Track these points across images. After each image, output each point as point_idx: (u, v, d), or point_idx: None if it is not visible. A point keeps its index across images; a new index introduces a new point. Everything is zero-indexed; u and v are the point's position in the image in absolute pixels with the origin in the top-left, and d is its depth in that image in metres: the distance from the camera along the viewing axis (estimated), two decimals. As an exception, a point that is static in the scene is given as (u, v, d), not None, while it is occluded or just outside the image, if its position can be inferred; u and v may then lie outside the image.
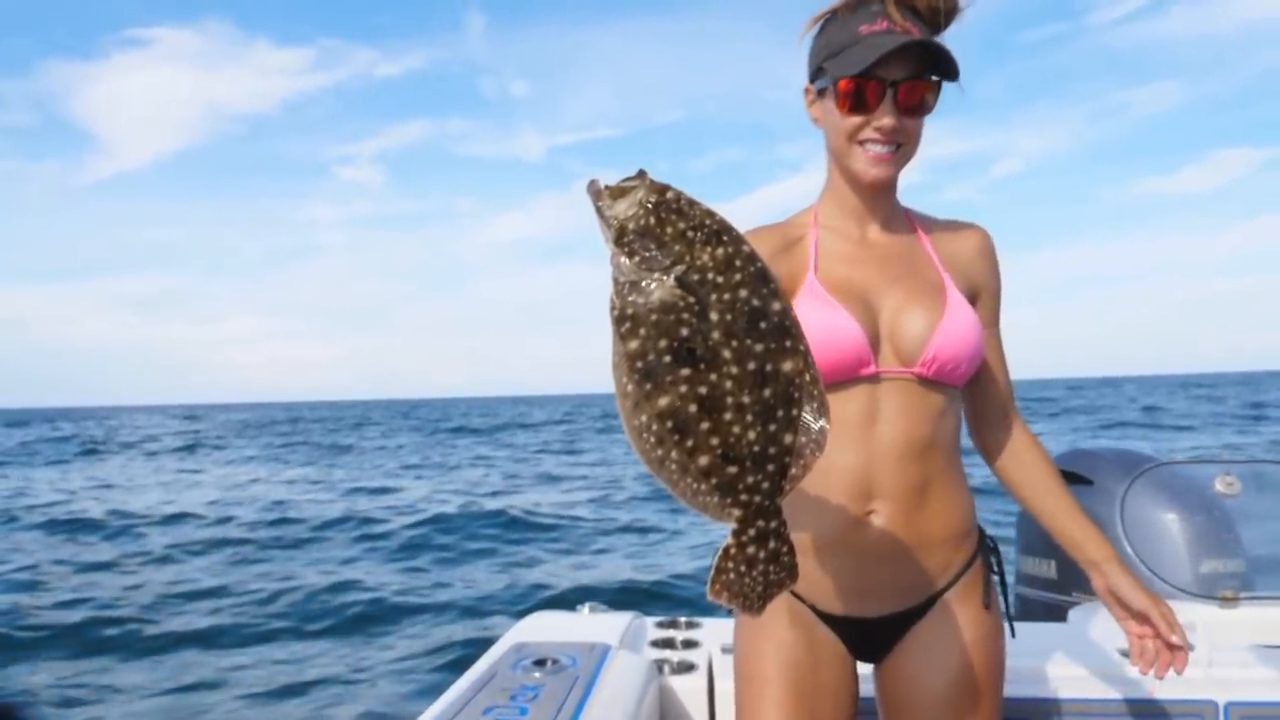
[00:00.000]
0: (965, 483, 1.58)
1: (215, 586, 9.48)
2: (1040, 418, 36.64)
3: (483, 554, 11.42)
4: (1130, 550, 3.10)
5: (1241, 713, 2.12)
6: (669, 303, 1.01)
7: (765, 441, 1.03)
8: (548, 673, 1.93)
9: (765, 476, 1.04)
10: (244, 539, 12.47)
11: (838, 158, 1.53)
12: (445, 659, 6.73)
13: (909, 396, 1.48)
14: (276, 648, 6.82)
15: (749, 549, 1.07)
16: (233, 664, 6.37)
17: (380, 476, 22.09)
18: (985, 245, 1.61)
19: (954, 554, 1.53)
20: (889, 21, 1.41)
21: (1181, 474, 3.30)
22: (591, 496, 16.64)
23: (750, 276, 1.02)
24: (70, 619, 7.79)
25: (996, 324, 1.64)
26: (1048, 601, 3.22)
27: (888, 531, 1.47)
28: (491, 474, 22.34)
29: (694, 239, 1.02)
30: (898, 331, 1.48)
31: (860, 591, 1.50)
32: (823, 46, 1.49)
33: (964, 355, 1.47)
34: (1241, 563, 3.07)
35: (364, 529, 13.23)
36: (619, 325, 1.02)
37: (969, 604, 1.53)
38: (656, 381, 1.01)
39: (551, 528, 13.09)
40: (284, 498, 17.68)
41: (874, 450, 1.47)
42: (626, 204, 1.03)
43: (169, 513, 15.11)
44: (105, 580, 9.75)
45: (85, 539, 13.02)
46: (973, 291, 1.57)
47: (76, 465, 27.51)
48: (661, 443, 1.02)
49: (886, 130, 1.45)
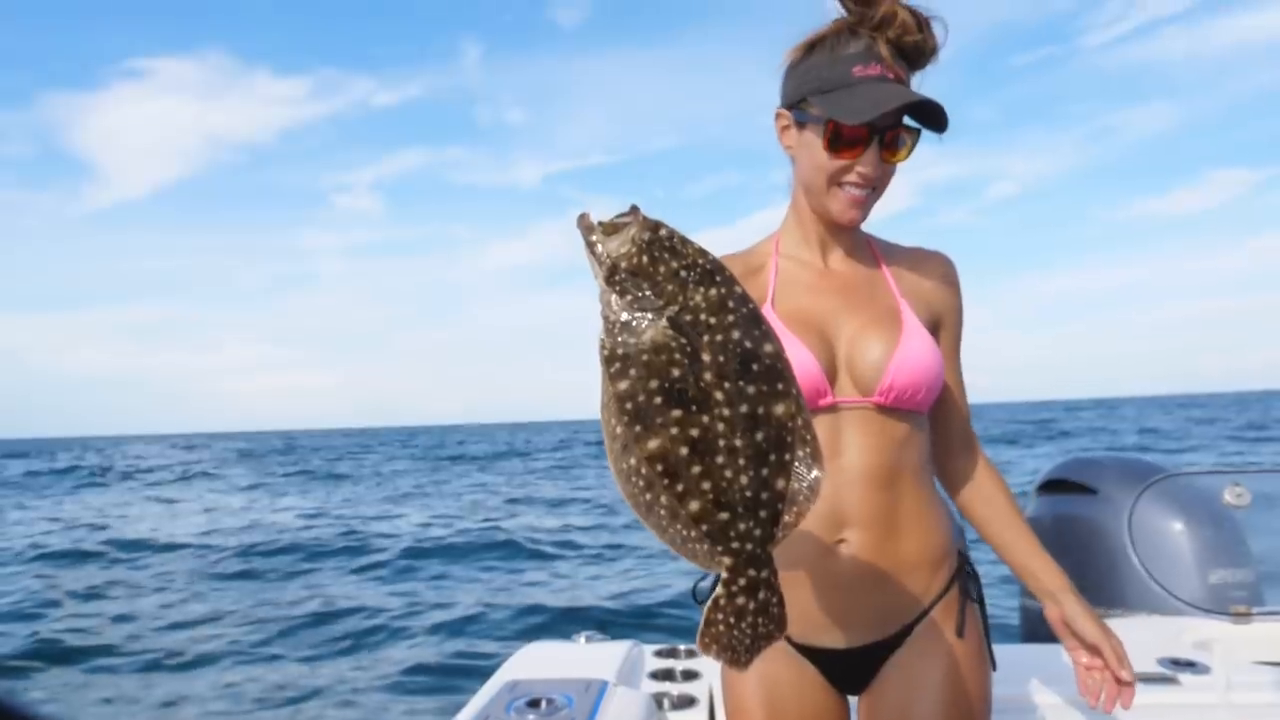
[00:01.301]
0: (941, 506, 1.56)
1: (209, 612, 9.46)
2: (1039, 440, 36.61)
3: (478, 578, 11.44)
4: (1138, 563, 3.06)
5: None
6: (661, 343, 0.99)
7: (758, 487, 1.00)
8: (543, 714, 1.88)
9: (757, 523, 1.01)
10: (239, 567, 12.44)
11: (812, 193, 1.52)
12: (439, 681, 6.73)
13: (870, 425, 1.47)
14: (269, 669, 6.75)
15: (738, 600, 1.03)
16: (224, 685, 6.30)
17: (377, 503, 22.13)
18: (947, 273, 1.61)
19: (930, 580, 1.51)
20: (881, 65, 1.41)
21: (1190, 485, 3.25)
22: (588, 522, 16.57)
23: (743, 318, 1.01)
24: (67, 643, 7.77)
25: (958, 352, 1.63)
26: None
27: (860, 559, 1.45)
28: (488, 499, 22.41)
29: (687, 279, 1.00)
30: (854, 361, 1.47)
31: (836, 622, 1.48)
32: (809, 77, 1.46)
33: (921, 382, 1.46)
34: (1250, 573, 3.02)
35: (359, 557, 13.19)
36: (609, 365, 0.99)
37: (946, 631, 1.51)
38: (647, 423, 0.99)
39: (548, 552, 13.08)
40: (280, 525, 17.60)
41: (839, 479, 1.45)
42: (619, 241, 1.00)
43: (165, 541, 15.05)
44: (104, 608, 9.72)
45: (82, 568, 12.95)
46: (934, 320, 1.57)
47: (78, 495, 27.43)
48: (650, 486, 0.99)
49: (868, 176, 1.45)
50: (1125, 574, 3.06)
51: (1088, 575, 3.19)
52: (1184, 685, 2.16)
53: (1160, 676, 2.20)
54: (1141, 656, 2.30)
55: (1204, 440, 31.60)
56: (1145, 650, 2.38)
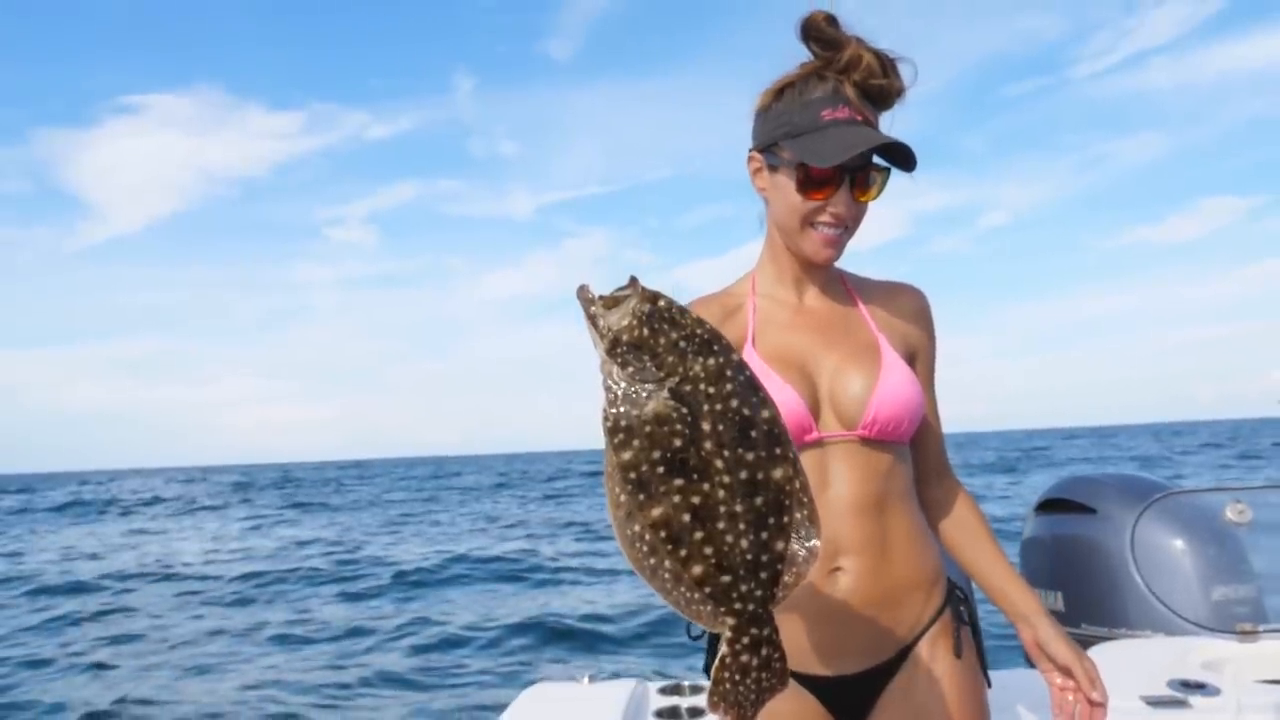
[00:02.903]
0: (928, 532, 1.59)
1: (212, 629, 9.64)
2: (1034, 468, 36.56)
3: (477, 597, 11.77)
4: (1141, 582, 3.06)
5: None
6: (663, 414, 1.01)
7: (758, 550, 1.04)
8: None
9: (758, 584, 1.04)
10: (235, 593, 12.44)
11: (786, 234, 1.55)
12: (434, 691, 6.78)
13: (856, 458, 1.49)
14: (264, 694, 6.72)
15: (743, 657, 1.07)
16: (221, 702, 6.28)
17: (373, 531, 22.32)
18: (921, 307, 1.63)
19: (924, 605, 1.53)
20: (849, 108, 1.44)
21: (1191, 503, 3.26)
22: (582, 549, 16.75)
23: (740, 386, 1.03)
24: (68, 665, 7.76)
25: (932, 384, 1.65)
26: None
27: (856, 586, 1.47)
28: (484, 526, 22.66)
29: (686, 349, 1.02)
30: (837, 396, 1.49)
31: (835, 650, 1.49)
32: (779, 121, 1.50)
33: (904, 414, 1.49)
34: (1253, 590, 3.03)
35: (350, 583, 13.34)
36: (613, 436, 1.02)
37: (940, 654, 1.52)
38: (650, 492, 1.01)
39: (546, 571, 13.29)
40: (276, 552, 17.89)
41: (830, 510, 1.46)
42: (619, 314, 1.03)
43: (163, 572, 15.12)
44: (94, 630, 9.75)
45: (78, 598, 12.97)
46: (910, 352, 1.59)
47: (79, 527, 27.41)
48: (654, 552, 1.02)
49: (840, 217, 1.48)
50: (1128, 593, 3.07)
51: (1089, 594, 3.20)
52: (1195, 708, 2.15)
53: (1171, 700, 2.18)
54: (1151, 679, 2.31)
55: (1198, 468, 31.68)
56: (1155, 672, 2.37)
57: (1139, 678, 2.34)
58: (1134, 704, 2.16)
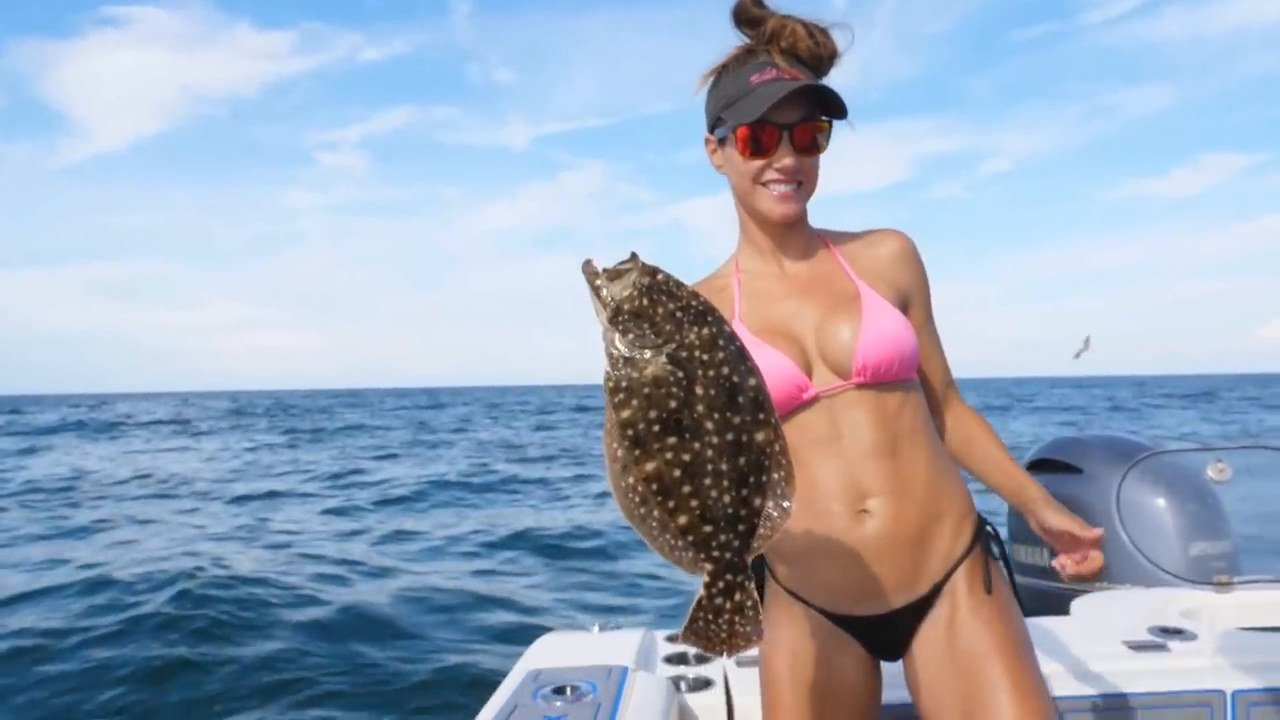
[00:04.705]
0: (951, 467, 1.64)
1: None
2: (1023, 412, 36.98)
3: (467, 512, 12.77)
4: (1126, 538, 3.21)
5: (1248, 700, 2.18)
6: (660, 378, 1.11)
7: (738, 505, 1.14)
8: (569, 701, 1.94)
9: (736, 536, 1.15)
10: (235, 520, 12.58)
11: (744, 200, 1.63)
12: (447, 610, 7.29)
13: (861, 405, 1.55)
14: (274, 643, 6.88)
15: (717, 600, 1.17)
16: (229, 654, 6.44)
17: (368, 458, 23.00)
18: (904, 248, 1.67)
19: (954, 540, 1.58)
20: (777, 70, 1.52)
21: (1175, 462, 3.41)
22: (569, 473, 17.89)
23: (731, 355, 1.13)
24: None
25: (930, 319, 1.71)
26: (1044, 590, 3.31)
27: (883, 526, 1.53)
28: (473, 452, 23.76)
29: (682, 319, 1.12)
30: (826, 349, 1.56)
31: (870, 590, 1.56)
32: (718, 99, 1.59)
33: (894, 355, 1.54)
34: (1230, 545, 3.19)
35: (353, 499, 14.07)
36: (613, 396, 1.12)
37: (975, 587, 1.58)
38: (645, 448, 1.12)
39: (536, 482, 14.39)
40: (277, 474, 18.66)
41: (850, 457, 1.54)
42: (620, 286, 1.13)
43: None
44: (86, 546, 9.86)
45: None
46: (900, 295, 1.64)
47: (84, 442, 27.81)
48: (645, 503, 1.13)
49: (787, 170, 1.55)
50: (1113, 549, 3.22)
51: (1076, 549, 3.37)
52: (1174, 651, 2.28)
53: (1151, 644, 2.32)
54: (1133, 625, 2.46)
55: (1169, 420, 32.35)
56: (1136, 619, 2.52)
57: (1121, 624, 2.48)
58: (1116, 648, 2.29)
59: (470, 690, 5.55)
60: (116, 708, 5.50)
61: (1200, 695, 2.19)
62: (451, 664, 6.11)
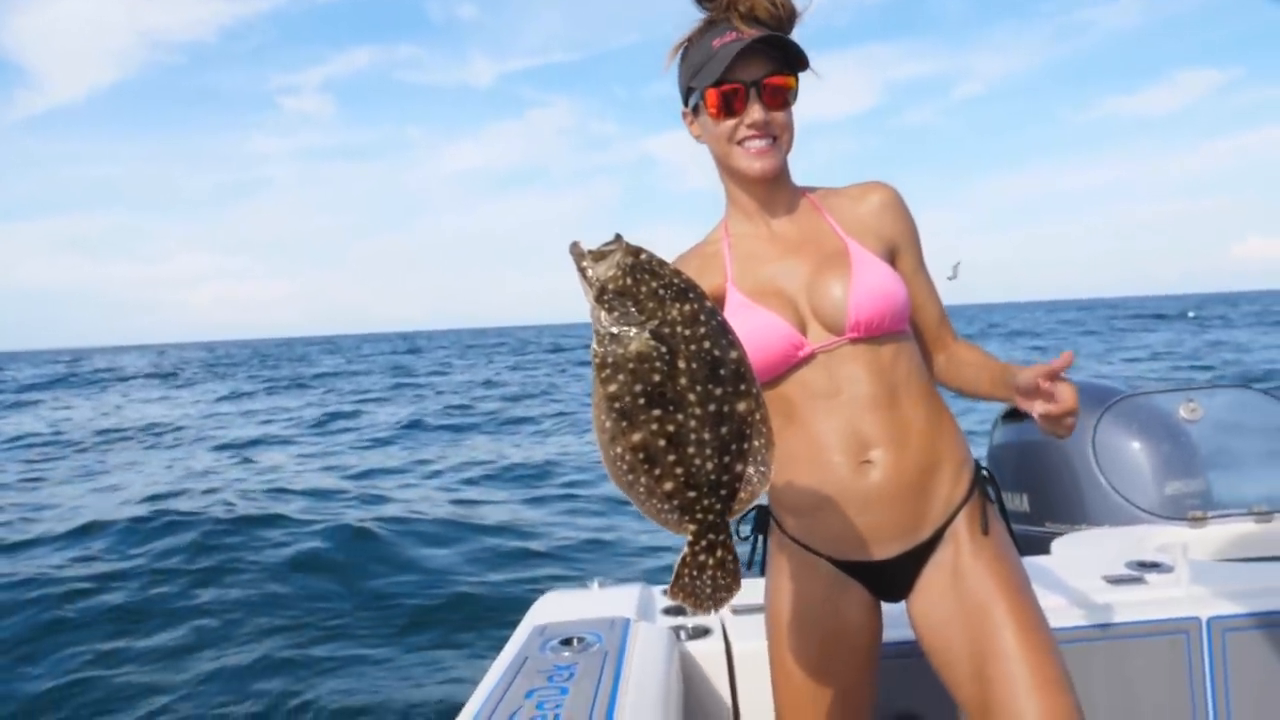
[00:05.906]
0: (948, 415, 1.70)
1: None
2: (992, 338, 37.51)
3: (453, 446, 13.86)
4: (1103, 479, 3.31)
5: (1223, 626, 2.27)
6: (644, 353, 1.17)
7: (720, 471, 1.21)
8: (577, 651, 2.00)
9: (718, 499, 1.22)
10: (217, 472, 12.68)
11: (723, 162, 1.67)
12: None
13: (856, 359, 1.59)
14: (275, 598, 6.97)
15: (700, 557, 1.25)
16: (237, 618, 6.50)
17: (350, 401, 23.89)
18: (888, 199, 1.70)
19: (953, 486, 1.63)
20: (736, 32, 1.56)
21: (1148, 404, 3.50)
22: (545, 410, 19.13)
23: (712, 330, 1.19)
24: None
25: (922, 266, 1.74)
26: (1022, 534, 3.38)
27: (885, 475, 1.59)
28: (453, 393, 24.85)
29: (664, 297, 1.17)
30: (818, 306, 1.59)
31: (873, 536, 1.62)
32: (687, 70, 1.64)
33: (885, 309, 1.57)
34: (1203, 483, 3.30)
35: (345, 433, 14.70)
36: (600, 371, 1.18)
37: (975, 531, 1.64)
38: (631, 420, 1.18)
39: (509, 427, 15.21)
40: (261, 420, 19.46)
41: (848, 411, 1.59)
42: (605, 266, 1.18)
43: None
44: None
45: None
46: (888, 247, 1.67)
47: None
48: (633, 470, 1.20)
49: (758, 124, 1.58)
50: (1091, 491, 3.32)
51: (1053, 494, 3.47)
52: (1151, 584, 2.39)
53: (1129, 578, 2.43)
54: (1111, 561, 2.56)
55: (1138, 340, 33.13)
56: (1114, 555, 2.62)
57: (1100, 560, 2.57)
58: (1096, 583, 2.38)
59: (465, 613, 6.01)
60: (116, 651, 5.62)
61: (1178, 623, 2.27)
62: (451, 592, 6.41)
